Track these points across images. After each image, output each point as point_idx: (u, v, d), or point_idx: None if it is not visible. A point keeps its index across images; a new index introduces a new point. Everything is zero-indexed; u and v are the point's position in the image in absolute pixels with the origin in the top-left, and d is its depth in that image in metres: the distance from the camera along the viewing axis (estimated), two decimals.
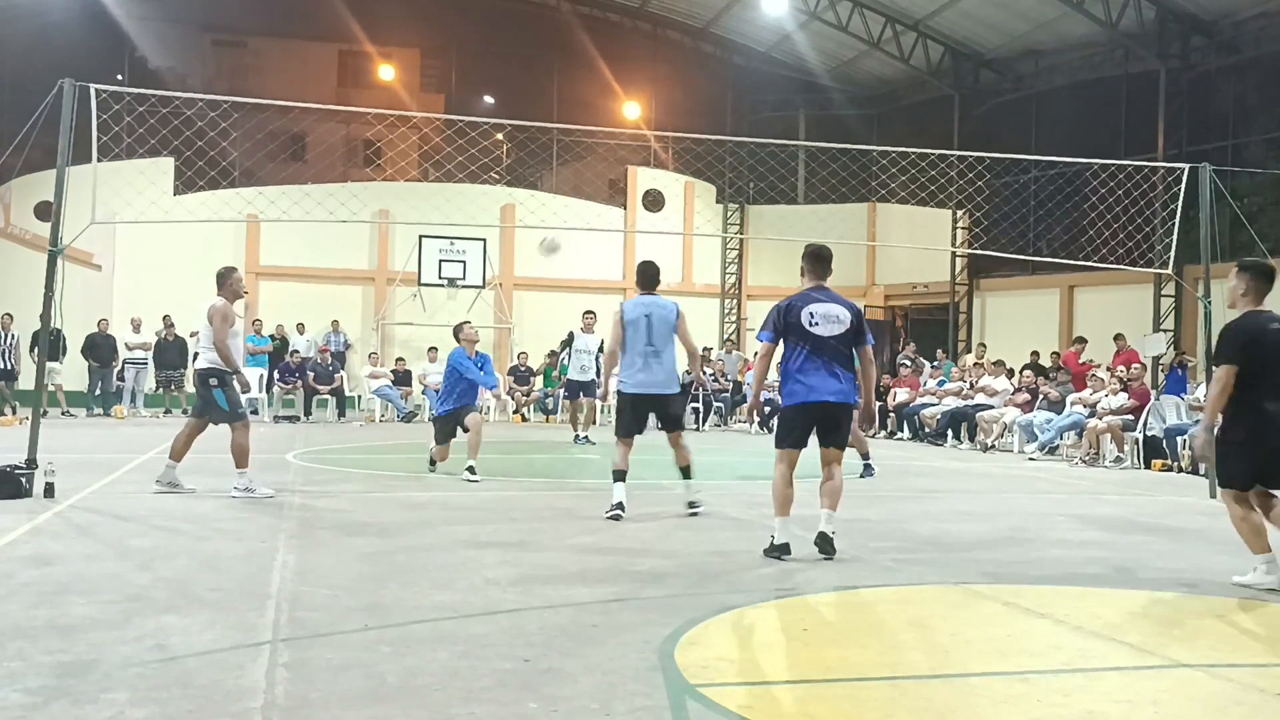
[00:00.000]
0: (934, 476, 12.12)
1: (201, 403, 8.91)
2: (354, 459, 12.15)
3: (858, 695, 3.85)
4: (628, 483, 8.17)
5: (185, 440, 8.84)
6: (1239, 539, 5.88)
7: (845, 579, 5.89)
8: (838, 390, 6.46)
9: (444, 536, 6.95)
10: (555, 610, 4.94)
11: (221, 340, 8.65)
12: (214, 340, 8.66)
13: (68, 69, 9.40)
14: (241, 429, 8.71)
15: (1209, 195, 10.71)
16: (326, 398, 20.02)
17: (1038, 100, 23.39)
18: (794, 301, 6.57)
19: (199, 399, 8.99)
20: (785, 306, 6.56)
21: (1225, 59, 20.21)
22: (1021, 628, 4.91)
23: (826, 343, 6.45)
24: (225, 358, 8.66)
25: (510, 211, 23.72)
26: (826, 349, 6.46)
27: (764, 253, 26.26)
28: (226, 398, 8.67)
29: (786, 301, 6.61)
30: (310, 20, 24.87)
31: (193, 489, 8.72)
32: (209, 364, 8.70)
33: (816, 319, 6.46)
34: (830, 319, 6.47)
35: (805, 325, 6.44)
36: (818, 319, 6.46)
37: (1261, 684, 4.03)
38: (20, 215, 22.25)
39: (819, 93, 26.58)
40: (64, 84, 8.84)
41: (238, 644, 4.25)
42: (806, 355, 6.46)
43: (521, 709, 3.54)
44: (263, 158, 23.36)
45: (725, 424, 20.47)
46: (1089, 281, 21.34)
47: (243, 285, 9.20)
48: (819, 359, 6.45)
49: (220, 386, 8.66)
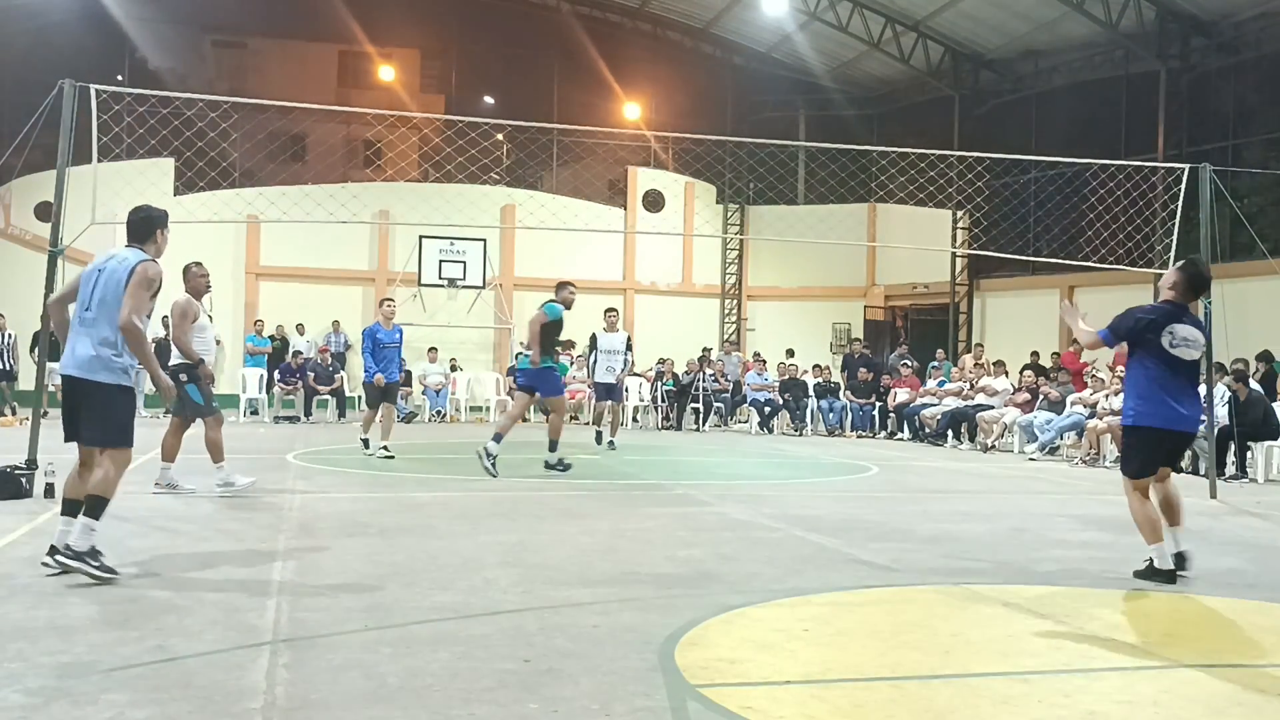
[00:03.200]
0: (934, 477, 12.11)
1: (178, 400, 8.94)
2: (354, 459, 12.15)
3: (858, 695, 3.85)
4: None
5: (172, 439, 8.95)
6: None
7: (845, 579, 5.89)
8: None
9: (444, 537, 6.95)
10: (555, 610, 4.94)
11: (179, 336, 8.77)
12: (173, 336, 8.84)
13: (68, 69, 9.40)
14: (214, 423, 8.84)
15: (1209, 195, 10.71)
16: (327, 398, 20.01)
17: (1038, 101, 23.38)
18: (1155, 318, 6.18)
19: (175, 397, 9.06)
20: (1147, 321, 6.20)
21: (1225, 59, 20.20)
22: (1022, 628, 4.91)
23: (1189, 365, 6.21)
24: (186, 352, 8.77)
25: (510, 212, 23.73)
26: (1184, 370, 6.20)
27: (764, 253, 26.27)
28: (200, 391, 8.79)
29: (1147, 315, 6.24)
30: (310, 21, 24.87)
31: (192, 489, 8.76)
32: (177, 359, 8.83)
33: (1177, 340, 6.13)
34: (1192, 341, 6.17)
35: (1167, 347, 6.12)
36: (1178, 340, 6.13)
37: (1261, 684, 4.03)
38: (20, 216, 22.25)
39: (819, 93, 26.58)
40: (64, 84, 8.84)
41: (238, 644, 4.25)
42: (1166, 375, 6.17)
43: (522, 709, 3.54)
44: (263, 158, 23.38)
45: (725, 424, 20.47)
46: (1089, 282, 21.33)
47: (205, 280, 9.19)
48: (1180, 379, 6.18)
49: (191, 382, 8.76)
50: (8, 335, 18.10)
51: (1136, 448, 6.25)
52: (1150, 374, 6.11)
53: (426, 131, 23.91)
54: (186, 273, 9.03)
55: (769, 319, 26.15)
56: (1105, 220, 13.63)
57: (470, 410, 21.22)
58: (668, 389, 20.35)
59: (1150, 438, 6.15)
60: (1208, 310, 10.70)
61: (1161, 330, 6.07)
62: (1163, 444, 6.18)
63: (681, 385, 20.37)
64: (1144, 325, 6.12)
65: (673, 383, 20.46)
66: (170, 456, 8.90)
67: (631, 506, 8.71)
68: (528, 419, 15.32)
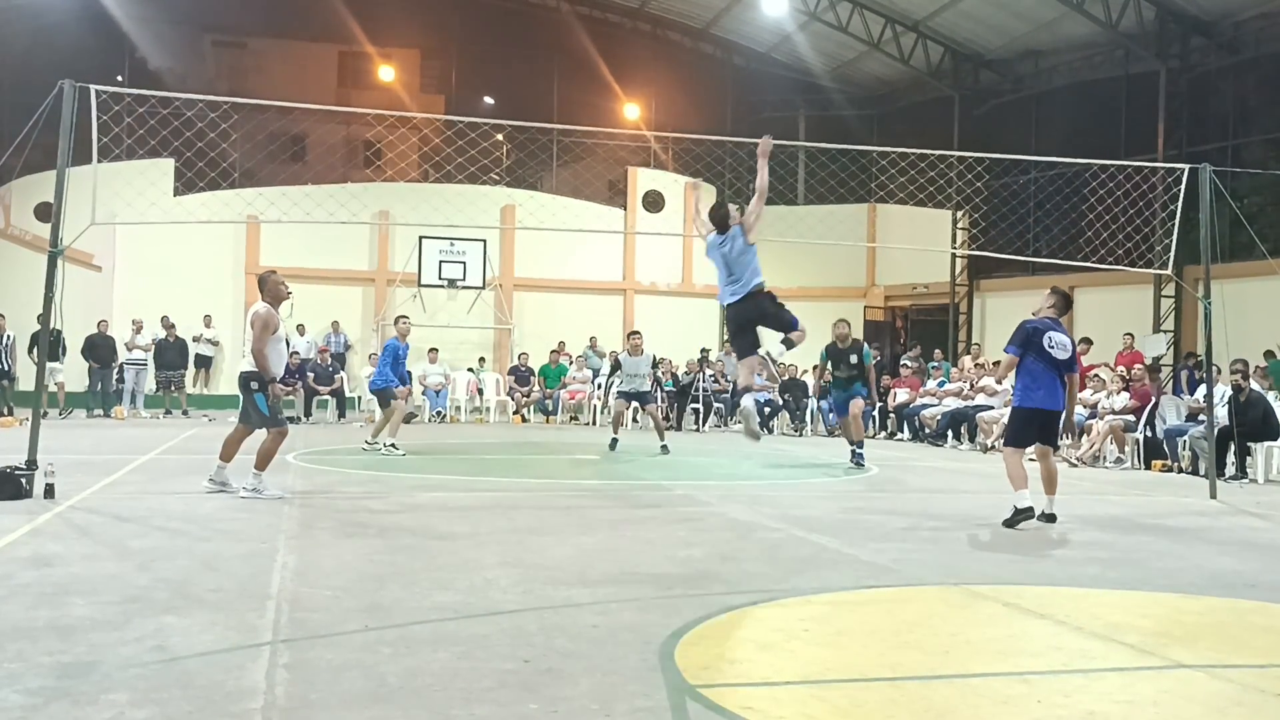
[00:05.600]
0: (934, 477, 12.12)
1: (243, 407, 8.92)
2: (354, 460, 12.15)
3: (858, 695, 3.85)
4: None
5: (235, 442, 8.87)
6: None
7: (845, 579, 5.89)
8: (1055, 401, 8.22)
9: (444, 537, 6.95)
10: (555, 610, 4.94)
11: (259, 348, 8.64)
12: (253, 347, 8.67)
13: (68, 70, 9.38)
14: (276, 436, 8.71)
15: (1209, 196, 10.70)
16: (326, 398, 20.02)
17: (1037, 101, 23.40)
18: (1039, 325, 8.25)
19: (242, 403, 9.00)
20: (1031, 329, 8.21)
21: (1225, 60, 20.21)
22: (1022, 628, 4.91)
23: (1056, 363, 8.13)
24: (262, 365, 8.65)
25: (510, 212, 23.73)
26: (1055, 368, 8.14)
27: (764, 253, 26.15)
28: (267, 402, 8.68)
29: (1033, 324, 8.26)
30: (310, 21, 24.89)
31: (237, 489, 8.69)
32: (250, 367, 8.71)
33: (1054, 344, 8.12)
34: (1061, 346, 8.14)
35: (1045, 346, 8.09)
36: (1054, 344, 8.12)
37: (1262, 685, 4.03)
38: (20, 216, 22.26)
39: (819, 93, 26.59)
40: (64, 85, 8.83)
41: (238, 645, 4.25)
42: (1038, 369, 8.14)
43: (522, 710, 3.54)
44: (263, 159, 23.39)
45: (725, 425, 20.46)
46: (1089, 282, 21.31)
47: (285, 287, 9.02)
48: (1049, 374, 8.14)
49: (261, 390, 8.66)
50: (7, 336, 18.09)
51: (1016, 422, 8.38)
52: (1032, 370, 8.11)
53: (426, 132, 23.91)
54: (269, 279, 8.92)
55: None
56: (1105, 221, 13.62)
57: (471, 412, 21.21)
58: (668, 389, 20.35)
59: (1027, 415, 8.20)
60: (1207, 310, 10.72)
61: (1043, 336, 8.12)
62: (1035, 419, 8.18)
63: (681, 386, 20.38)
64: (1031, 332, 8.18)
65: (672, 383, 20.46)
66: (228, 457, 8.85)
67: (632, 507, 8.71)
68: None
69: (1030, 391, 8.15)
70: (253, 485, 8.57)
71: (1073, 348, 8.31)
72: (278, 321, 8.78)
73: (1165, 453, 13.64)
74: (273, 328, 8.70)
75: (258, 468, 8.61)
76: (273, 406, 8.71)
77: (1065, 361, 8.17)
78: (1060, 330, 8.28)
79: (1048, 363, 8.09)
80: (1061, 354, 8.14)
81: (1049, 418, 8.25)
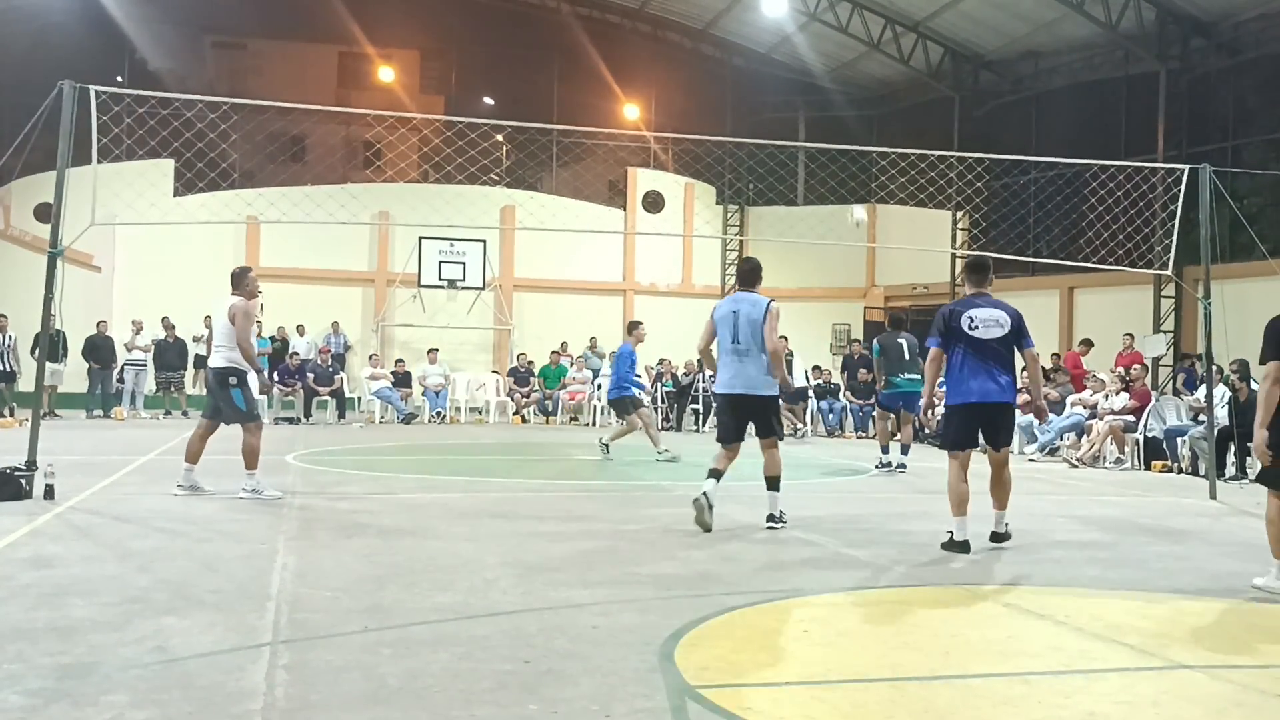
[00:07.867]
0: (934, 477, 12.10)
1: (215, 402, 8.89)
2: (354, 460, 12.16)
3: (858, 696, 3.85)
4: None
5: (199, 442, 8.83)
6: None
7: (845, 580, 5.89)
8: (995, 391, 6.94)
9: (444, 538, 6.95)
10: (555, 611, 4.93)
11: (245, 339, 8.65)
12: (238, 339, 8.65)
13: (68, 70, 9.39)
14: (255, 430, 8.70)
15: (1209, 196, 10.70)
16: (326, 399, 20.00)
17: (1037, 101, 23.39)
18: (955, 307, 7.09)
19: (212, 399, 8.99)
20: (948, 312, 7.07)
21: (1225, 60, 20.21)
22: (1022, 629, 4.91)
23: (987, 345, 6.93)
24: (248, 356, 8.66)
25: (510, 213, 23.74)
26: (987, 351, 6.94)
27: (764, 254, 26.15)
28: (244, 397, 8.68)
29: (949, 307, 7.13)
30: (310, 22, 24.88)
31: (213, 491, 8.70)
32: (227, 363, 8.68)
33: (976, 323, 6.93)
34: (990, 323, 6.94)
35: (965, 329, 6.93)
36: (978, 323, 6.93)
37: (1262, 685, 4.03)
38: (20, 217, 22.27)
39: (819, 94, 26.58)
40: (64, 86, 8.83)
41: (238, 646, 4.25)
42: (965, 357, 6.97)
43: (522, 710, 3.54)
44: (263, 159, 23.39)
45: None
46: (1089, 283, 21.36)
47: (258, 285, 9.16)
48: (978, 361, 6.93)
49: (239, 386, 8.66)
50: (8, 337, 18.09)
51: (950, 423, 7.24)
52: (958, 358, 6.98)
53: (426, 132, 23.90)
54: (244, 276, 8.94)
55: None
56: (1105, 221, 13.63)
57: (470, 411, 21.21)
58: (667, 390, 20.35)
59: (961, 413, 7.07)
60: (1207, 311, 10.72)
61: (961, 317, 6.94)
62: (974, 417, 7.02)
63: (681, 386, 20.37)
64: (948, 316, 7.00)
65: (672, 384, 20.45)
66: (194, 459, 8.80)
67: (632, 507, 8.71)
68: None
69: (960, 384, 6.99)
70: (251, 486, 8.56)
71: (1012, 320, 6.97)
72: (255, 315, 8.85)
73: (1165, 453, 13.64)
74: (253, 318, 8.78)
75: (250, 468, 8.60)
76: (249, 400, 8.73)
77: (1001, 339, 6.92)
78: (986, 305, 7.00)
79: (974, 347, 6.90)
80: (991, 331, 6.90)
81: (992, 412, 6.98)
